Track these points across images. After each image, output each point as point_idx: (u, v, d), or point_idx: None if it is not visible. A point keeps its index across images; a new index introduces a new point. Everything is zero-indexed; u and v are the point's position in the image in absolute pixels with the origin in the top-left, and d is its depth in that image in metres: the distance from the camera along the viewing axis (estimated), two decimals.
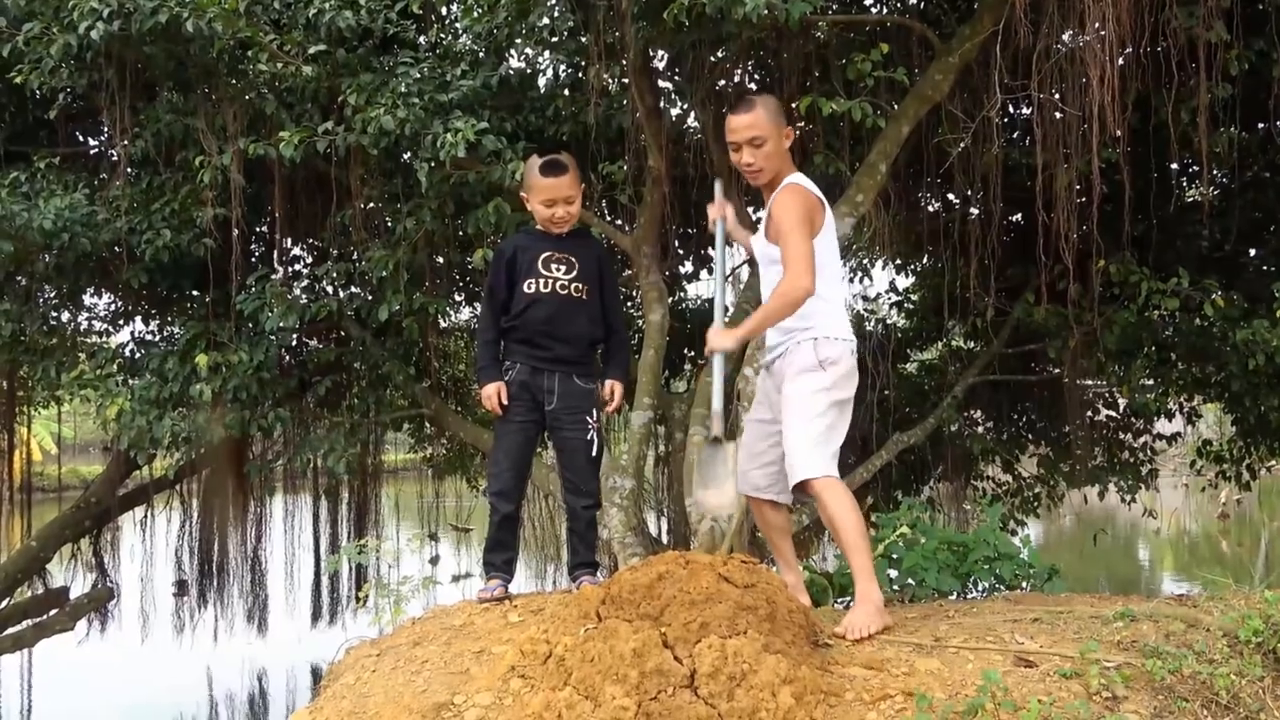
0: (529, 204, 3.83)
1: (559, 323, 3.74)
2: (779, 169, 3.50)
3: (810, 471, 3.26)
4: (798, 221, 3.35)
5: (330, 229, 6.24)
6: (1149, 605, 3.32)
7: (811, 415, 3.32)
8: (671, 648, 2.71)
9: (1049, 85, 5.13)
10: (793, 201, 3.39)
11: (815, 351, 3.38)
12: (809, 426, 3.31)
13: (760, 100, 3.51)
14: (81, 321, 7.32)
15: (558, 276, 3.75)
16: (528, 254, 3.77)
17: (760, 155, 3.44)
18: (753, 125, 3.43)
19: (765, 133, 3.42)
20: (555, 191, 3.72)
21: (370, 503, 9.39)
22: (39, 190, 5.71)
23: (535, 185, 3.75)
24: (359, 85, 5.01)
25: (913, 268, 8.81)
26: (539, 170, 3.75)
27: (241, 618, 9.25)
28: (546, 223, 3.78)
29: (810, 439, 3.30)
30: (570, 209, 3.77)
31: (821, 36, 5.92)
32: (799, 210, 3.37)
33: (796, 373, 3.38)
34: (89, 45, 4.96)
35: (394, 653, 3.17)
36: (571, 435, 3.77)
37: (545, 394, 3.73)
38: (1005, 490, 8.83)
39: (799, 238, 3.33)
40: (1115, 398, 8.12)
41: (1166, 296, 5.98)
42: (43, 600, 8.84)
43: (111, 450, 8.90)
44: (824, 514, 3.33)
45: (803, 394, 3.35)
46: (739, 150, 3.46)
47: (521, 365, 3.74)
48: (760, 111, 3.44)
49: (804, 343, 3.39)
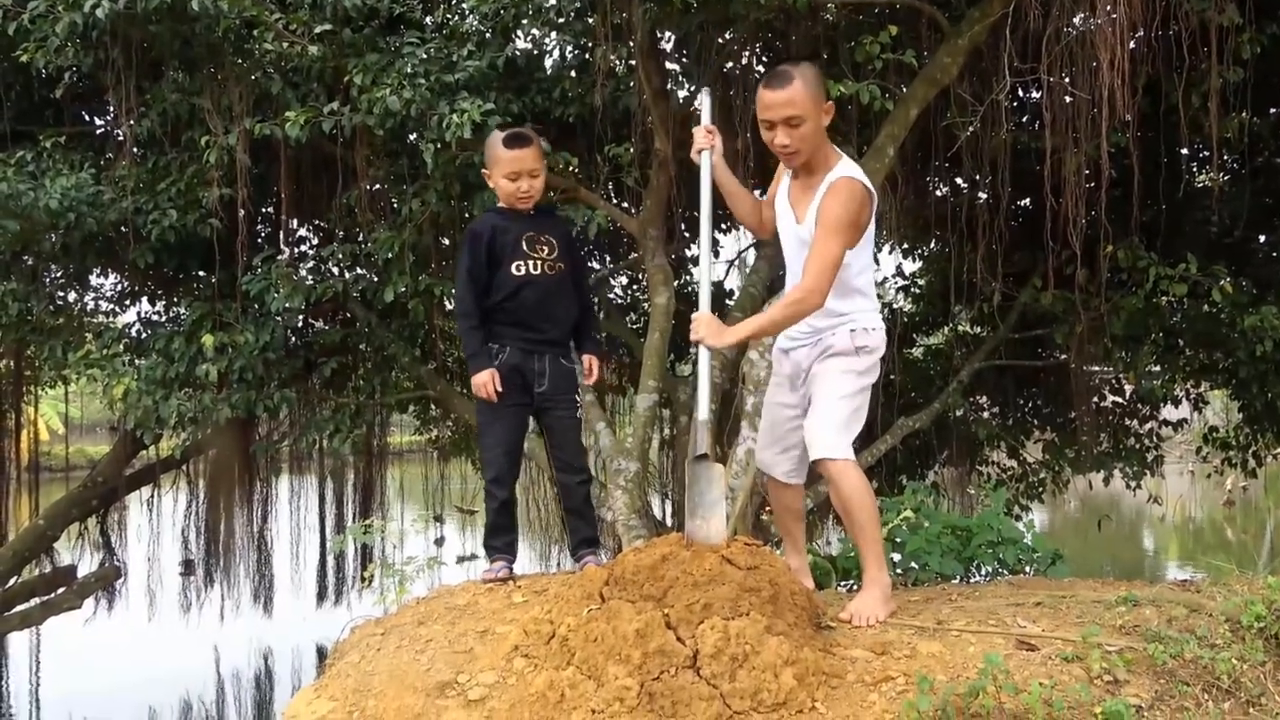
0: (492, 180, 3.75)
1: (550, 304, 3.72)
2: (817, 148, 3.20)
3: (832, 452, 3.20)
4: (845, 226, 3.12)
5: (336, 210, 6.24)
6: (1151, 590, 3.32)
7: (841, 395, 3.27)
8: (674, 629, 2.72)
9: (1059, 69, 5.10)
10: (850, 202, 3.13)
11: (852, 339, 3.31)
12: (837, 407, 3.26)
13: (799, 72, 3.12)
14: (88, 301, 7.34)
15: (544, 257, 3.71)
16: (508, 235, 3.69)
17: (797, 136, 3.12)
18: (790, 102, 3.08)
19: (804, 111, 3.09)
20: (519, 164, 3.65)
21: (375, 484, 9.43)
22: (45, 170, 5.71)
23: (499, 158, 3.68)
24: (365, 65, 5.00)
25: (920, 252, 8.78)
26: (502, 143, 3.68)
27: (248, 597, 9.31)
28: (511, 197, 3.70)
29: (837, 420, 3.25)
30: (535, 182, 3.70)
31: (830, 19, 5.89)
32: (851, 214, 3.13)
33: (832, 354, 3.31)
34: (94, 24, 4.95)
35: (398, 632, 3.18)
36: (564, 414, 3.76)
37: (536, 376, 3.70)
38: (1010, 476, 8.83)
39: (836, 244, 3.10)
40: (1121, 384, 8.10)
41: (1174, 282, 5.96)
42: (50, 579, 8.90)
43: (118, 430, 8.93)
44: (837, 496, 3.28)
45: (835, 373, 3.29)
46: (773, 129, 3.13)
47: (512, 348, 3.68)
48: (799, 85, 3.08)
49: (839, 330, 3.30)
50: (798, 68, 3.18)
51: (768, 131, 3.18)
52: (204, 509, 9.03)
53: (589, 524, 3.84)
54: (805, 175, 3.28)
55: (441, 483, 11.04)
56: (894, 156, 5.38)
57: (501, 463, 3.73)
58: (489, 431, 3.77)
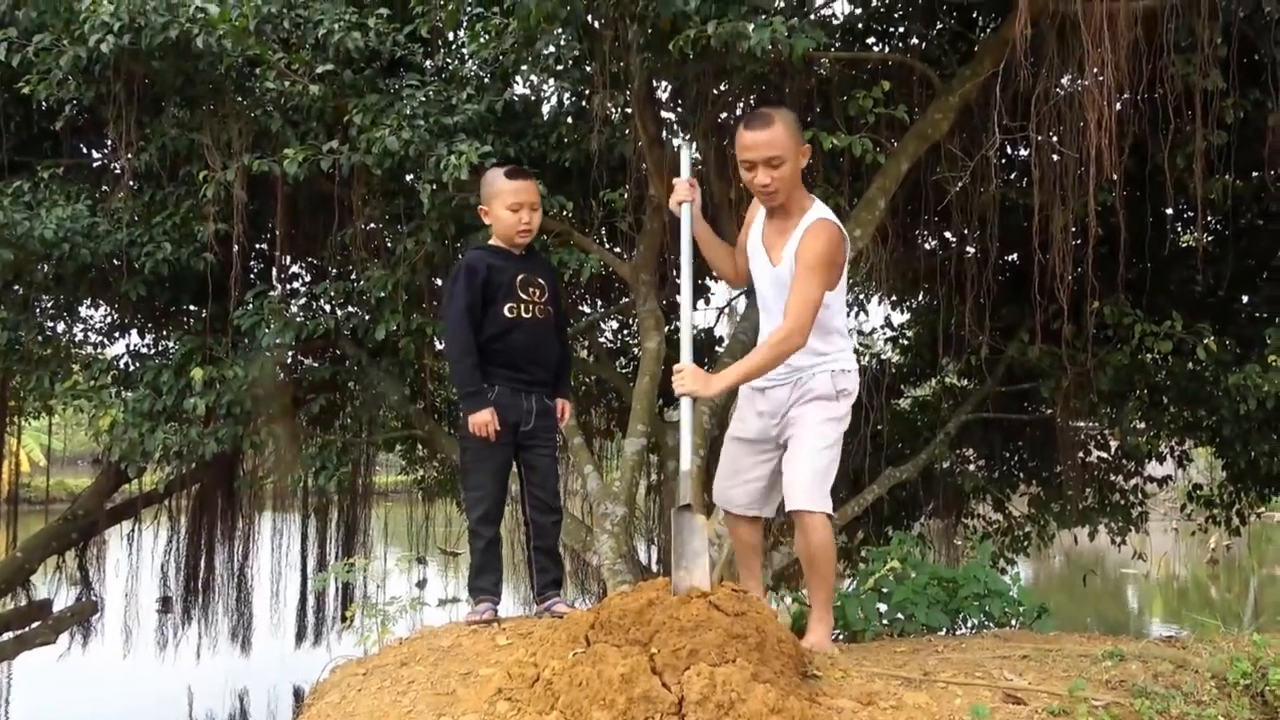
0: (490, 214, 3.72)
1: (539, 347, 3.73)
2: (793, 190, 3.32)
3: (813, 505, 3.25)
4: (825, 266, 3.21)
5: (330, 248, 6.27)
6: (1138, 645, 3.32)
7: (824, 445, 3.31)
8: (660, 674, 2.70)
9: (1047, 127, 5.20)
10: (828, 244, 3.23)
11: (833, 382, 3.35)
12: (819, 457, 3.30)
13: (779, 115, 3.27)
14: (77, 332, 7.32)
15: (534, 300, 3.71)
16: (502, 274, 3.68)
17: (777, 176, 3.22)
18: (771, 143, 3.20)
19: (784, 152, 3.21)
20: (522, 195, 3.66)
21: (359, 523, 9.36)
22: (42, 200, 5.72)
23: (500, 190, 3.68)
24: (365, 106, 5.05)
25: (909, 304, 8.86)
26: (504, 174, 3.71)
27: (225, 636, 9.18)
28: (511, 230, 3.68)
29: (819, 471, 3.29)
30: (535, 215, 3.71)
31: (824, 73, 6.00)
32: (830, 255, 3.23)
33: (812, 399, 3.34)
34: (98, 58, 4.99)
35: (380, 672, 3.15)
36: (544, 453, 3.77)
37: (524, 415, 3.69)
38: (996, 529, 8.83)
39: (817, 284, 3.19)
40: (1107, 439, 8.14)
41: (1160, 339, 6.03)
42: (25, 612, 8.76)
43: (101, 463, 8.86)
44: (805, 544, 3.33)
45: (817, 421, 3.32)
46: (753, 169, 3.23)
47: (501, 388, 3.68)
48: (779, 127, 3.21)
49: (820, 373, 3.34)
50: (777, 111, 3.30)
51: (748, 172, 3.27)
52: (185, 545, 8.93)
53: (558, 565, 3.83)
54: (780, 218, 3.36)
55: (426, 524, 10.96)
56: (885, 209, 5.46)
57: (489, 502, 3.71)
58: (478, 470, 3.73)
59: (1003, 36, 4.90)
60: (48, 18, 5.25)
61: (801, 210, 3.34)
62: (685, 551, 3.02)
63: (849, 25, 6.50)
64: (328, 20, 4.98)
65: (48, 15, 5.23)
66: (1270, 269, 7.03)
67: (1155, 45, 4.91)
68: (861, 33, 6.61)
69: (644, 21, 4.83)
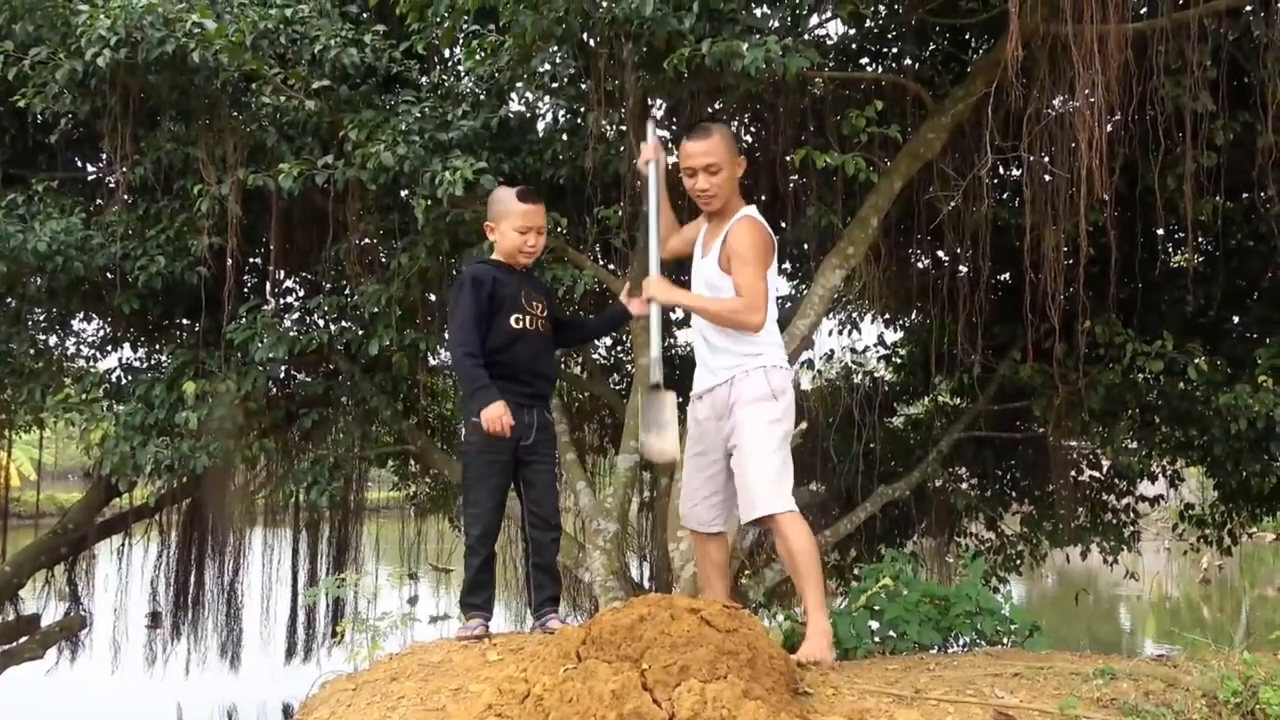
0: (496, 232, 3.80)
1: (540, 360, 3.81)
2: (730, 197, 3.60)
3: (776, 507, 3.39)
4: (758, 255, 3.46)
5: (324, 262, 6.27)
6: (1129, 664, 3.32)
7: (770, 449, 3.43)
8: (651, 690, 2.69)
9: (1039, 148, 5.24)
10: (754, 235, 3.49)
11: (768, 381, 3.47)
12: (769, 460, 3.42)
13: (716, 129, 3.63)
14: (70, 346, 7.31)
15: (536, 314, 3.78)
16: (507, 288, 3.73)
17: (715, 182, 3.54)
18: (709, 152, 3.53)
19: (721, 160, 3.53)
20: (531, 219, 3.75)
21: (350, 539, 9.32)
22: (36, 213, 5.72)
23: (511, 211, 3.75)
24: (360, 121, 5.07)
25: (902, 323, 8.88)
26: (516, 196, 3.77)
27: (215, 652, 9.12)
28: (515, 251, 3.76)
29: (772, 473, 3.41)
30: (541, 239, 3.80)
31: (818, 92, 6.03)
32: (760, 244, 3.48)
33: (749, 401, 3.45)
34: (94, 72, 5.01)
35: (370, 688, 3.14)
36: (544, 468, 3.77)
37: (525, 429, 3.69)
38: (988, 547, 8.82)
39: (755, 272, 3.44)
40: (1099, 458, 8.16)
41: (1151, 359, 6.05)
42: (13, 627, 8.68)
43: (92, 476, 8.81)
44: (785, 547, 3.44)
45: (759, 424, 3.43)
46: (694, 176, 3.56)
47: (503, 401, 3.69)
48: (717, 139, 3.56)
49: (753, 372, 3.48)
50: (716, 125, 3.72)
51: (689, 179, 3.60)
52: (174, 559, 8.88)
53: (556, 581, 3.82)
54: (717, 220, 3.64)
55: (418, 540, 10.91)
56: (877, 227, 5.48)
57: (489, 518, 3.71)
58: (478, 485, 3.71)
59: (995, 58, 4.95)
60: (44, 31, 5.26)
61: (733, 213, 3.61)
62: (657, 420, 3.46)
63: (843, 46, 6.55)
64: (324, 36, 5.00)
65: (44, 29, 5.24)
66: (1260, 289, 7.07)
67: (1145, 68, 4.95)
68: (856, 53, 6.65)
69: (639, 40, 4.87)
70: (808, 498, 7.34)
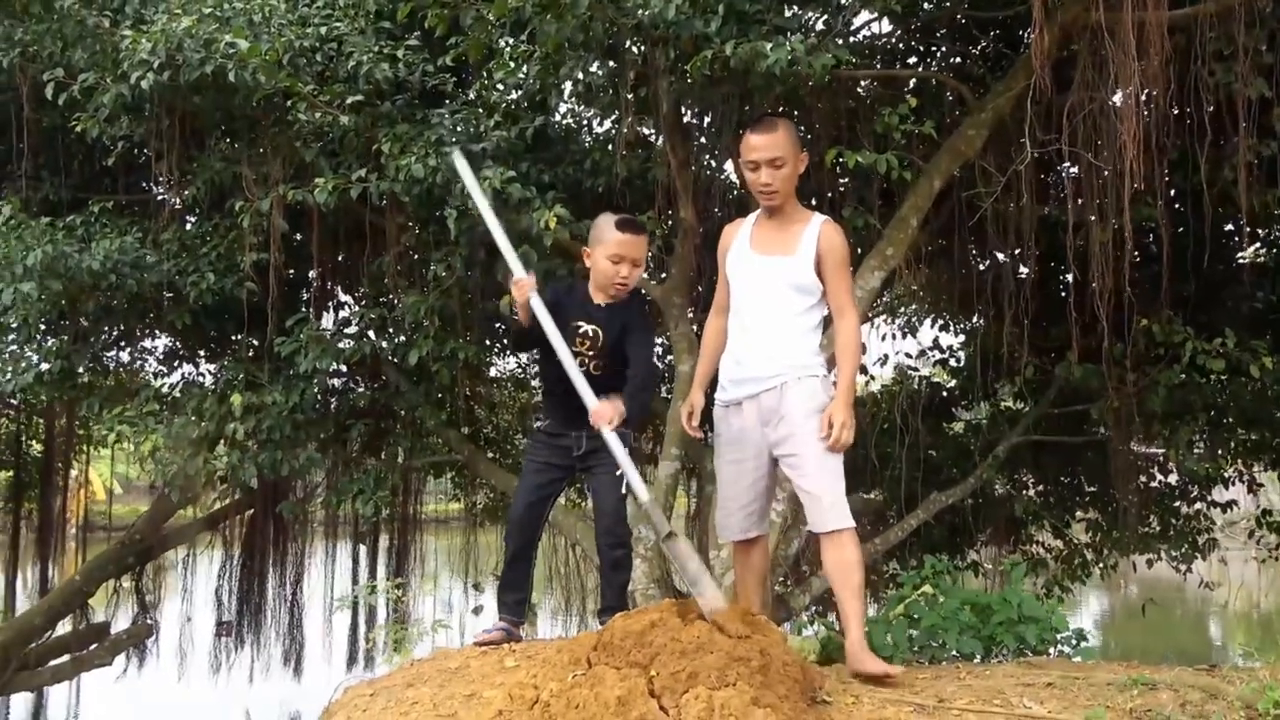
0: (591, 259, 3.67)
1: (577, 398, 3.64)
2: (790, 195, 3.48)
3: (843, 522, 3.32)
4: (847, 263, 3.46)
5: (367, 275, 6.36)
6: (1170, 674, 3.18)
7: (835, 462, 3.35)
8: (658, 697, 2.66)
9: (1086, 141, 5.06)
10: (844, 243, 3.45)
11: (825, 391, 3.38)
12: (837, 478, 3.35)
13: (781, 122, 3.51)
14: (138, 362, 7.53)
15: (580, 352, 3.63)
16: (567, 310, 3.65)
17: (779, 177, 3.41)
18: (774, 145, 3.40)
19: (785, 154, 3.40)
20: (627, 249, 3.59)
21: (410, 550, 9.43)
22: (94, 234, 5.91)
23: (606, 239, 3.61)
24: (394, 135, 5.13)
25: (961, 325, 8.67)
26: (615, 225, 3.62)
27: (278, 659, 9.31)
28: (606, 281, 3.62)
29: (840, 486, 3.35)
30: (635, 272, 3.64)
31: (861, 92, 5.93)
32: (847, 253, 3.47)
33: (810, 411, 3.34)
34: (140, 95, 5.15)
35: (387, 693, 3.16)
36: (602, 473, 3.64)
37: (573, 440, 3.68)
38: (1054, 556, 8.55)
39: (852, 282, 3.49)
40: (1167, 462, 7.85)
41: (1212, 358, 5.80)
42: (83, 635, 8.99)
43: (157, 489, 9.09)
44: (839, 560, 3.34)
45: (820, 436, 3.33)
46: (757, 170, 3.42)
47: (554, 419, 3.76)
48: (782, 132, 3.43)
49: (806, 379, 3.37)
50: (780, 118, 3.58)
51: (752, 173, 3.45)
52: (237, 569, 9.10)
53: (614, 592, 3.74)
54: (779, 218, 3.50)
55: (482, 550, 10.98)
56: (917, 227, 5.36)
57: (520, 514, 3.76)
58: (519, 481, 3.84)
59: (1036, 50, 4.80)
60: (97, 57, 5.44)
61: (802, 214, 3.52)
62: (687, 576, 3.17)
63: (886, 45, 6.45)
64: (358, 52, 5.08)
65: (97, 55, 5.42)
66: None
67: (1193, 54, 4.76)
68: (902, 52, 6.54)
69: (667, 45, 4.85)
70: (860, 505, 7.18)
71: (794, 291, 3.41)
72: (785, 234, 3.46)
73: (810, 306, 3.43)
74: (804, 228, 3.45)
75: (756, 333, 3.43)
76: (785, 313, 3.41)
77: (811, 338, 3.43)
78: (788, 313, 3.41)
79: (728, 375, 3.52)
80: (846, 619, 3.31)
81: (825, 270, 3.39)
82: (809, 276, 3.39)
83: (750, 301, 3.48)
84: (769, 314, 3.43)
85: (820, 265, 3.39)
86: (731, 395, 3.49)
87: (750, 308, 3.47)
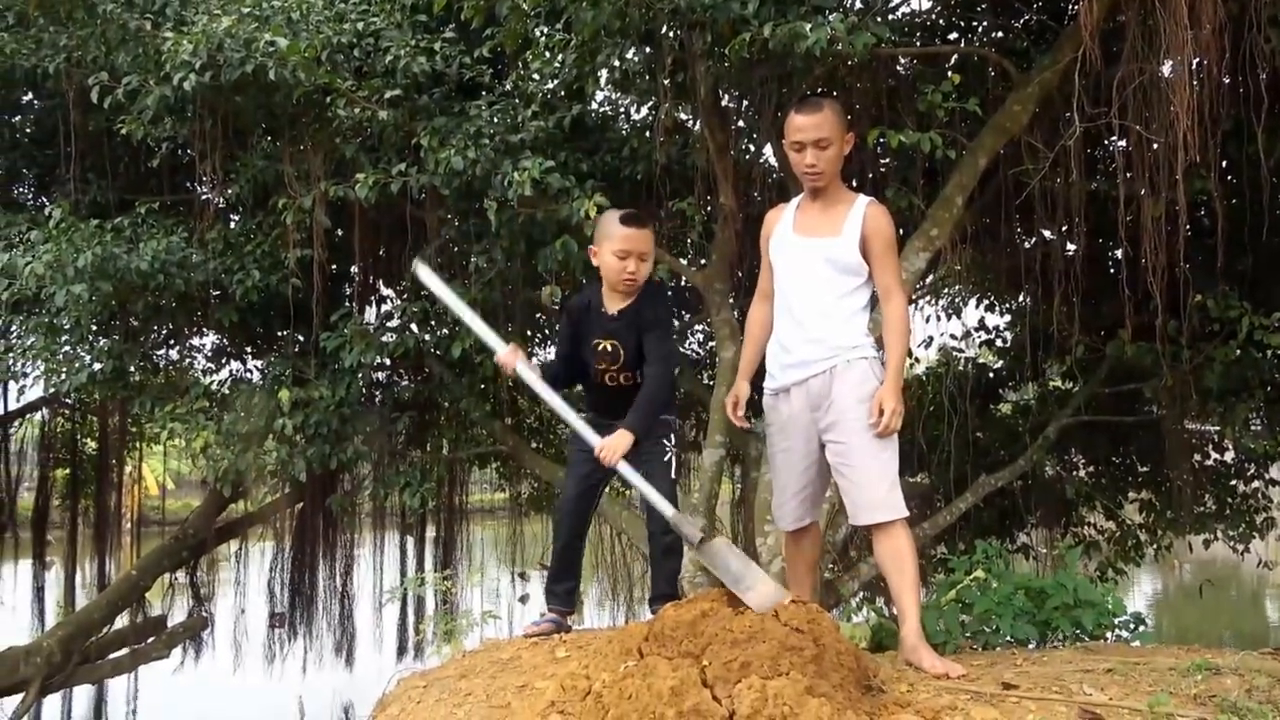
0: (598, 257, 3.63)
1: (613, 406, 3.65)
2: (835, 176, 3.42)
3: (896, 512, 3.28)
4: (894, 245, 3.39)
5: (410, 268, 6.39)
6: (1235, 658, 3.10)
7: (886, 450, 3.30)
8: (711, 687, 2.64)
9: (1136, 114, 4.94)
10: (890, 225, 3.39)
11: (874, 374, 3.32)
12: (889, 464, 3.29)
13: (827, 102, 3.44)
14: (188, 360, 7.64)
15: (604, 368, 3.64)
16: (586, 327, 3.67)
17: (824, 158, 3.34)
18: (821, 126, 3.33)
19: (832, 135, 3.33)
20: (632, 243, 3.51)
21: (456, 540, 9.49)
22: (142, 235, 6.00)
23: (611, 234, 3.56)
24: (433, 128, 5.14)
25: (1007, 305, 8.53)
26: (619, 220, 3.57)
27: (330, 650, 9.43)
28: (614, 277, 3.57)
29: (891, 476, 3.29)
30: (644, 266, 3.56)
31: (902, 70, 5.85)
32: (893, 234, 3.40)
33: (860, 398, 3.28)
34: (183, 96, 5.21)
35: (440, 685, 3.17)
36: (646, 458, 3.57)
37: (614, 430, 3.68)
38: (1108, 537, 8.40)
39: (899, 263, 3.44)
40: (1223, 441, 7.68)
41: (1270, 332, 5.65)
42: (140, 628, 9.17)
43: (209, 485, 9.23)
44: (892, 550, 3.30)
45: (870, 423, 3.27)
46: (802, 150, 3.35)
47: (593, 412, 3.79)
48: (828, 112, 3.36)
49: (855, 363, 3.31)
50: (827, 98, 3.54)
51: (797, 154, 3.39)
52: (288, 562, 9.22)
53: (664, 579, 3.72)
54: (822, 200, 3.45)
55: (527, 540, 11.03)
56: (962, 206, 5.27)
57: (567, 505, 3.78)
58: (566, 474, 3.86)
59: (1082, 21, 4.69)
60: (141, 60, 5.50)
61: (846, 195, 3.46)
62: (738, 575, 3.08)
63: (926, 21, 6.34)
64: (395, 47, 5.09)
65: (140, 58, 5.48)
66: None
67: (1246, 20, 4.62)
68: (944, 28, 6.42)
69: (704, 28, 4.80)
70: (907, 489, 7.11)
71: (838, 272, 3.34)
72: (829, 215, 3.39)
73: (856, 287, 3.36)
74: (848, 209, 3.38)
75: (803, 317, 3.37)
76: (831, 294, 3.34)
77: (859, 319, 3.36)
78: (833, 294, 3.34)
79: (776, 362, 3.46)
80: (903, 611, 3.25)
81: (871, 252, 3.32)
82: (854, 256, 3.33)
83: (795, 285, 3.41)
84: (814, 297, 3.36)
85: (866, 247, 3.32)
86: (780, 382, 3.44)
87: (795, 291, 3.40)
